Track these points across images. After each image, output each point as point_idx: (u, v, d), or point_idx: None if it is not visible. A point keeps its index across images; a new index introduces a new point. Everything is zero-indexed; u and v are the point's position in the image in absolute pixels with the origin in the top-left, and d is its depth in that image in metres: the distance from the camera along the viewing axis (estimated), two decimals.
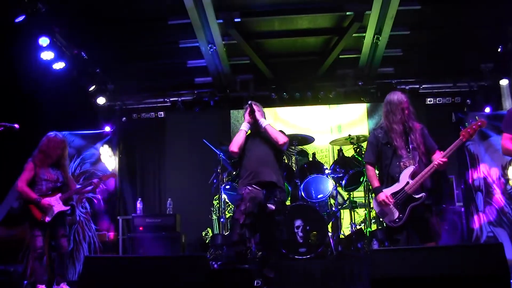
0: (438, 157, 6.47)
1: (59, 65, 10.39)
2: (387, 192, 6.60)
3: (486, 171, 10.24)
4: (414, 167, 6.53)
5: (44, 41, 9.81)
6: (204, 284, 4.51)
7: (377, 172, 7.00)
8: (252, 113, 7.30)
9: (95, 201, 11.11)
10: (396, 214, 6.53)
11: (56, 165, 8.45)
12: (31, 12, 9.38)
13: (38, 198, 8.04)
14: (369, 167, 6.92)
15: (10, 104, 9.79)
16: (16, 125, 7.10)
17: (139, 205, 11.25)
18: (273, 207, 6.85)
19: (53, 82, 10.54)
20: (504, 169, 10.04)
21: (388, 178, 6.68)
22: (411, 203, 6.48)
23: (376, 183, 6.79)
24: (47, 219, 8.11)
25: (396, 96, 6.75)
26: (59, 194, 8.28)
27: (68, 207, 8.44)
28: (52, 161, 8.39)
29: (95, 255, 8.42)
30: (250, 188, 6.97)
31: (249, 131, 7.41)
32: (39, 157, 8.31)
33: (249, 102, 7.49)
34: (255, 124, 7.37)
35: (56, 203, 8.20)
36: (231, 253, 6.79)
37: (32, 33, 9.72)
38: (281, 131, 7.44)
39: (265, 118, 7.37)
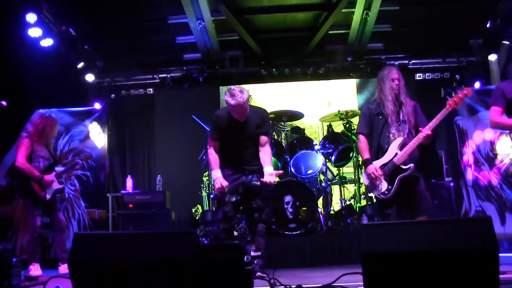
0: (426, 127, 6.52)
1: (47, 42, 10.28)
2: (376, 164, 6.64)
3: (475, 146, 10.27)
4: (403, 138, 6.58)
5: (31, 17, 9.70)
6: (194, 260, 4.51)
7: None
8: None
9: (84, 178, 11.08)
10: (385, 186, 6.58)
11: (45, 144, 8.49)
12: None
13: (40, 175, 8.11)
14: (361, 138, 6.94)
15: None
16: (4, 102, 7.08)
17: (128, 182, 11.24)
18: (258, 183, 6.86)
19: (41, 59, 10.43)
20: (492, 144, 10.07)
21: (378, 149, 6.74)
22: (399, 174, 6.53)
23: (366, 155, 6.84)
24: (48, 196, 8.21)
25: (387, 70, 6.87)
26: (54, 172, 8.35)
27: (62, 185, 8.52)
28: (47, 139, 8.47)
29: (84, 232, 8.42)
30: (232, 170, 6.99)
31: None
32: (35, 134, 8.33)
33: (232, 102, 6.71)
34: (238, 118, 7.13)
35: (54, 180, 8.28)
36: (217, 230, 6.79)
37: (19, 9, 9.62)
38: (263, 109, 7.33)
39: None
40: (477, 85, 11.67)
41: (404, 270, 4.44)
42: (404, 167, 6.53)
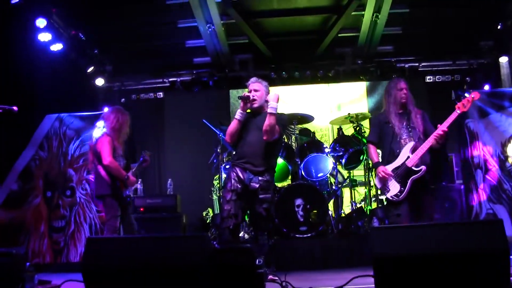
0: (437, 130, 6.58)
1: (56, 47, 10.32)
2: (389, 168, 6.72)
3: (485, 148, 10.23)
4: (414, 142, 6.68)
5: (41, 22, 9.73)
6: (206, 263, 4.52)
7: (379, 151, 7.13)
8: (246, 100, 7.18)
9: None
10: (398, 188, 6.67)
11: (121, 142, 8.08)
12: None
13: (127, 174, 7.78)
14: (371, 146, 7.20)
15: (8, 86, 9.75)
16: (15, 108, 7.03)
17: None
18: (256, 186, 6.87)
19: (51, 64, 10.45)
20: (503, 146, 10.03)
21: (390, 155, 6.84)
22: (411, 176, 6.63)
23: (375, 159, 7.04)
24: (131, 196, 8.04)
25: (394, 82, 7.08)
26: (131, 170, 8.00)
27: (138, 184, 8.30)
28: (123, 137, 8.06)
29: (97, 236, 8.34)
30: (237, 168, 7.03)
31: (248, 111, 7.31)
32: (114, 132, 7.92)
33: (248, 83, 7.45)
34: (254, 108, 7.28)
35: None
36: (221, 229, 6.85)
37: (29, 15, 9.65)
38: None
39: (275, 100, 6.96)
40: (486, 87, 11.67)
41: (414, 272, 4.44)
42: (416, 169, 6.62)
